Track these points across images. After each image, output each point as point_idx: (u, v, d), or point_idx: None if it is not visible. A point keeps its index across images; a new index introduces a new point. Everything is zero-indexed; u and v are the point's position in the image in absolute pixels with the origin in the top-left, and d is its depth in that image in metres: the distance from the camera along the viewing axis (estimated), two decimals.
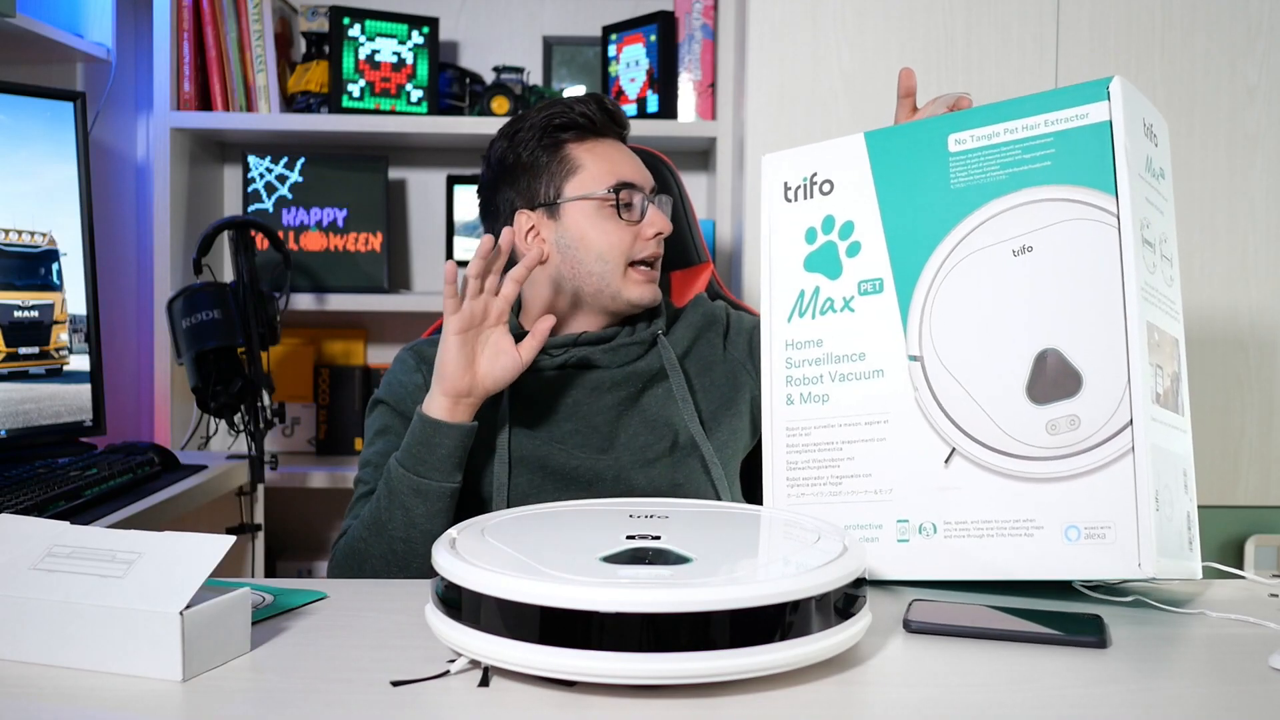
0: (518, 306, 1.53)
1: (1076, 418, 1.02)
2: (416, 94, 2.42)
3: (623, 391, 1.47)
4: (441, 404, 1.34)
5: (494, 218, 1.52)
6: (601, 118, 1.49)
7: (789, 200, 1.20)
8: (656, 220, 1.47)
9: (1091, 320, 1.01)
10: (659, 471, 1.45)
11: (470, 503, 1.41)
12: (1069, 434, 1.02)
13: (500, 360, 1.34)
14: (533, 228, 1.49)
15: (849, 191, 1.15)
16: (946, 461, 1.07)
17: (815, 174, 1.18)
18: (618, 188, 1.46)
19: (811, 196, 1.17)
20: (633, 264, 1.46)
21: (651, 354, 1.50)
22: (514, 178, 1.50)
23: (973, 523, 1.06)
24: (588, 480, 1.43)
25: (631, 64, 2.43)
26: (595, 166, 1.47)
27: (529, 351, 1.36)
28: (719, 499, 1.46)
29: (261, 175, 2.48)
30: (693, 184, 2.59)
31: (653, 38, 2.38)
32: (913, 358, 1.09)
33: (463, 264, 2.53)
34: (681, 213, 1.77)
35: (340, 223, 2.49)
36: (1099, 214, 1.01)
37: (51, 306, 1.82)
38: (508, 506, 1.39)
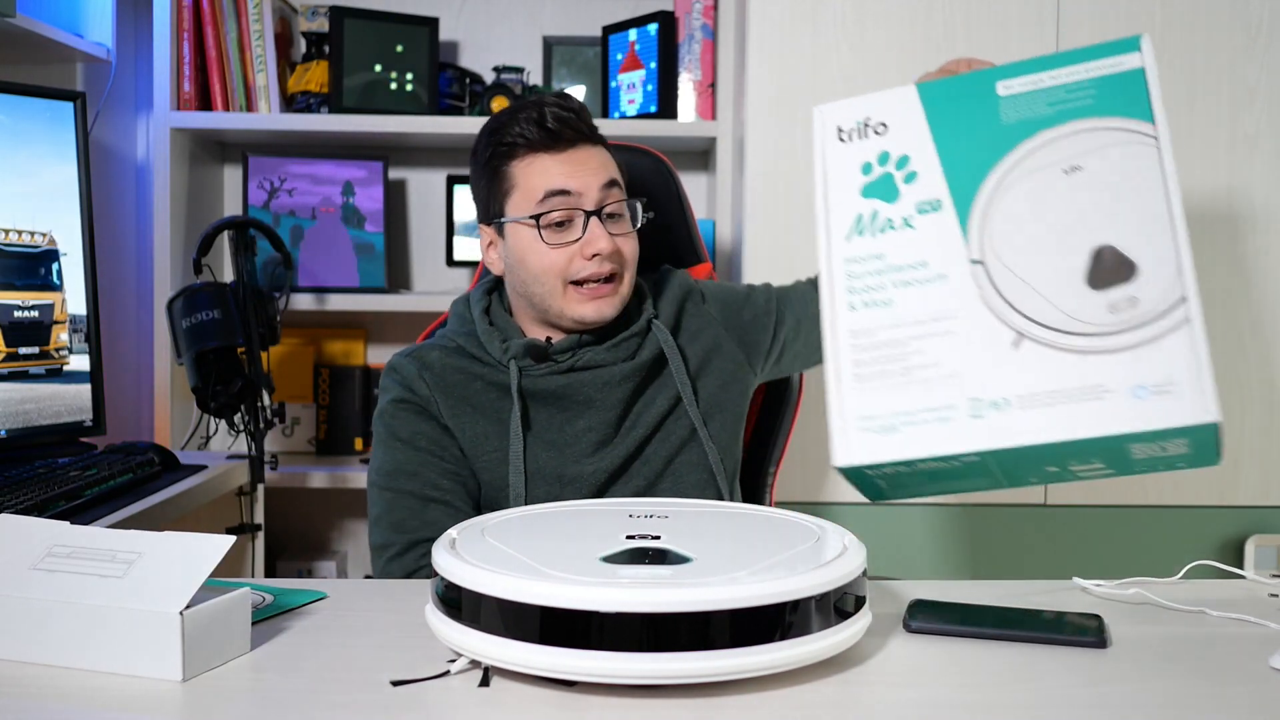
0: (509, 306, 1.53)
1: (1135, 298, 1.11)
2: (416, 94, 2.42)
3: (631, 383, 1.48)
4: None
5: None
6: (537, 134, 1.42)
7: (843, 141, 1.26)
8: (594, 240, 1.41)
9: (1141, 219, 1.14)
10: (659, 453, 1.47)
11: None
12: (1129, 312, 1.11)
13: None
14: (490, 243, 1.49)
15: (903, 131, 1.24)
16: (1015, 345, 1.15)
17: (869, 118, 1.26)
18: (546, 208, 1.41)
19: (866, 137, 1.25)
20: (574, 283, 1.43)
21: (650, 339, 1.50)
22: (475, 188, 1.50)
23: (1044, 393, 1.12)
24: (602, 483, 1.44)
25: (630, 86, 2.43)
26: (527, 185, 1.43)
27: None
28: (715, 482, 1.48)
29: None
30: (692, 184, 2.59)
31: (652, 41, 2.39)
32: (975, 261, 1.18)
33: (463, 263, 2.54)
34: (680, 213, 1.77)
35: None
36: (1140, 137, 1.15)
37: (51, 306, 1.82)
38: None
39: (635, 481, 1.46)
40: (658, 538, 1.01)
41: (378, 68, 2.41)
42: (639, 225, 1.48)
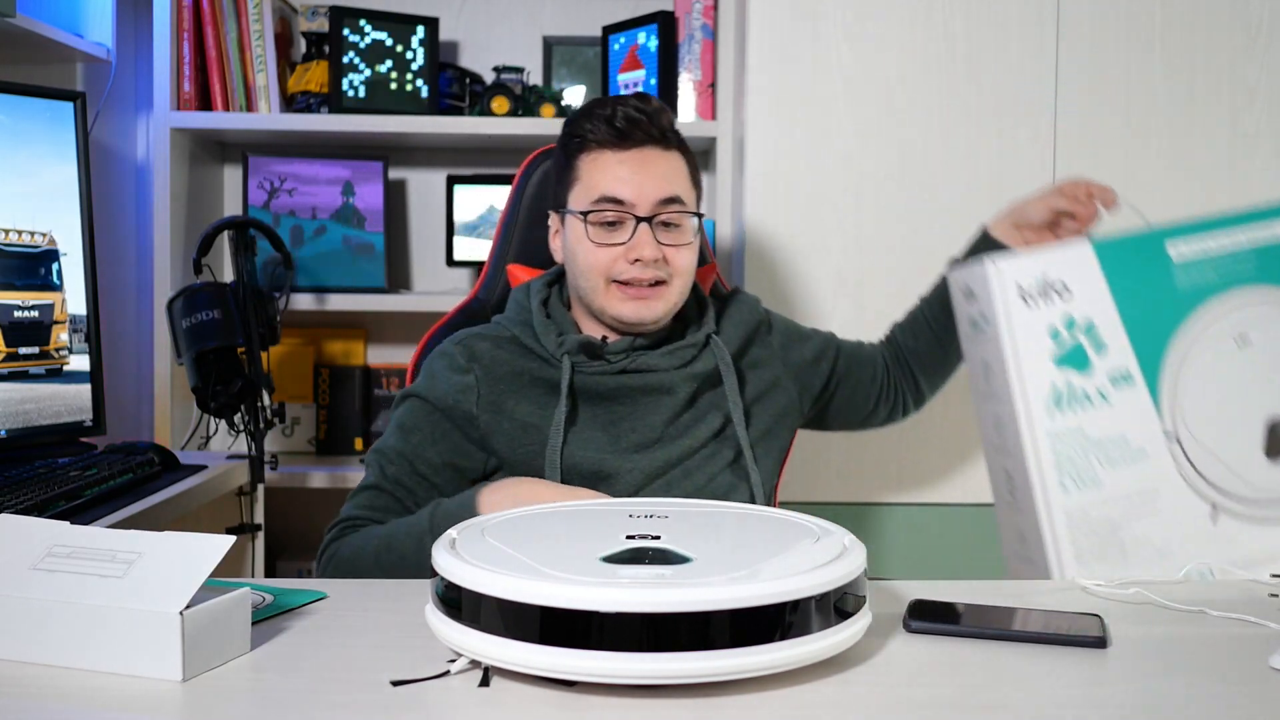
0: (568, 299, 1.54)
1: None
2: (416, 94, 2.42)
3: (681, 393, 1.48)
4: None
5: None
6: (605, 131, 1.44)
7: (1026, 303, 1.31)
8: (639, 245, 1.42)
9: None
10: (703, 469, 1.46)
11: None
12: None
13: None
14: (556, 230, 1.53)
15: (1085, 294, 1.30)
16: (1213, 519, 1.26)
17: (1047, 277, 1.31)
18: (596, 207, 1.43)
19: (1049, 299, 1.31)
20: (617, 282, 1.44)
21: (706, 354, 1.50)
22: (553, 174, 1.54)
23: (1242, 561, 1.24)
24: (638, 484, 1.43)
25: (630, 86, 2.43)
26: (587, 180, 1.45)
27: None
28: (753, 501, 1.48)
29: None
30: None
31: (652, 46, 2.39)
32: (1168, 435, 1.27)
33: (463, 264, 2.54)
34: None
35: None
36: None
37: (51, 306, 1.82)
38: None
39: (674, 492, 1.45)
40: (658, 538, 1.01)
41: (378, 68, 2.41)
42: (695, 238, 1.48)
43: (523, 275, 1.69)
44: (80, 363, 1.86)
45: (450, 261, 2.54)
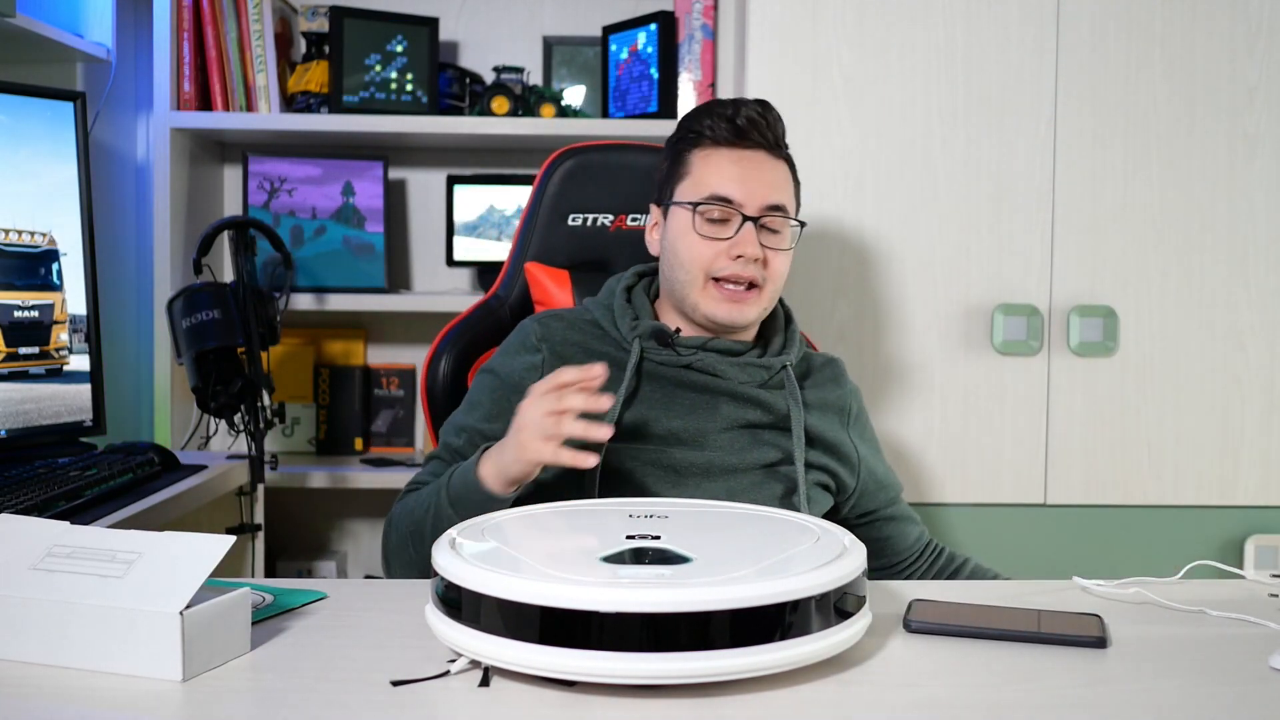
0: (656, 292, 1.54)
1: None
2: (416, 94, 2.42)
3: (739, 410, 1.45)
4: (498, 481, 1.28)
5: None
6: (725, 129, 1.46)
7: None
8: (743, 242, 1.43)
9: None
10: (748, 494, 1.42)
11: (563, 478, 1.37)
12: None
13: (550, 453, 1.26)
14: (655, 223, 1.53)
15: None
16: None
17: None
18: (706, 201, 1.44)
19: None
20: (715, 279, 1.44)
21: (776, 386, 1.47)
22: (659, 170, 1.54)
23: None
24: (680, 469, 1.41)
25: (630, 86, 2.43)
26: (699, 175, 1.47)
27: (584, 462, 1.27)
28: None
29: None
30: None
31: (650, 49, 2.39)
32: None
33: (463, 264, 2.54)
34: None
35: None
36: None
37: (51, 306, 1.82)
38: (597, 493, 1.37)
39: (714, 494, 1.41)
40: (658, 538, 1.02)
41: (378, 68, 2.41)
42: (792, 245, 1.48)
43: (540, 274, 1.70)
44: (80, 363, 1.86)
45: (450, 261, 2.54)
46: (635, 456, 1.40)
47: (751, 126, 1.46)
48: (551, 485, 1.36)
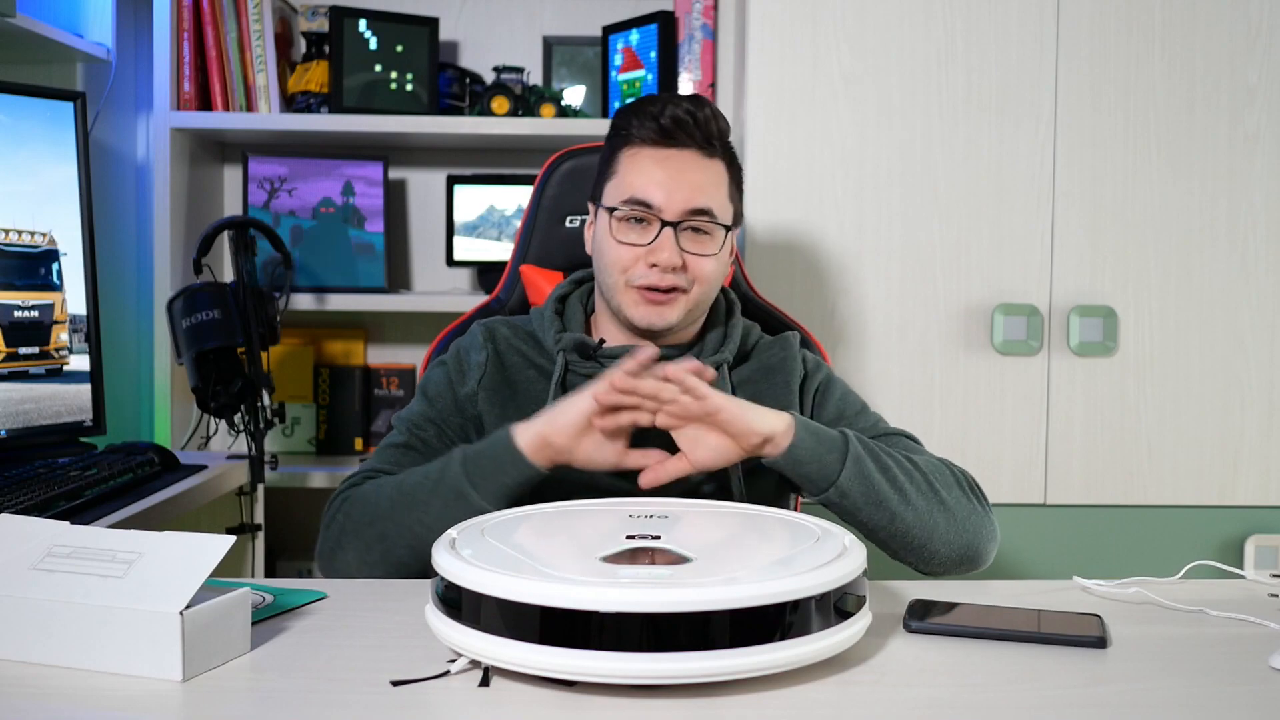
0: (591, 306, 1.52)
1: None
2: (416, 94, 2.42)
3: None
4: (534, 443, 1.27)
5: None
6: (651, 129, 1.41)
7: None
8: (658, 250, 1.38)
9: None
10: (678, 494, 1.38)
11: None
12: None
13: (603, 451, 1.28)
14: (590, 221, 1.50)
15: None
16: None
17: None
18: (625, 204, 1.40)
19: None
20: (635, 285, 1.40)
21: (718, 385, 1.39)
22: (597, 165, 1.50)
23: None
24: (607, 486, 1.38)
25: (630, 86, 2.43)
26: (623, 176, 1.42)
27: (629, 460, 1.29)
28: None
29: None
30: None
31: (651, 52, 2.39)
32: None
33: (463, 264, 2.54)
34: None
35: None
36: None
37: (51, 306, 1.82)
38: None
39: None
40: (658, 538, 1.01)
41: (378, 68, 2.41)
42: (721, 250, 1.42)
43: (534, 277, 1.69)
44: (80, 363, 1.86)
45: (450, 261, 2.54)
46: (567, 478, 1.33)
47: (678, 126, 1.40)
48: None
